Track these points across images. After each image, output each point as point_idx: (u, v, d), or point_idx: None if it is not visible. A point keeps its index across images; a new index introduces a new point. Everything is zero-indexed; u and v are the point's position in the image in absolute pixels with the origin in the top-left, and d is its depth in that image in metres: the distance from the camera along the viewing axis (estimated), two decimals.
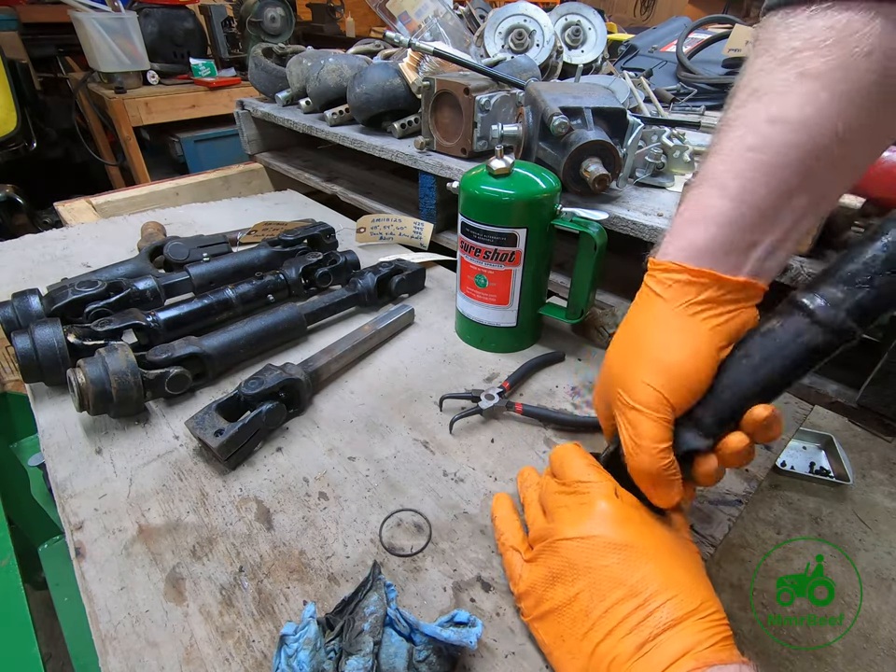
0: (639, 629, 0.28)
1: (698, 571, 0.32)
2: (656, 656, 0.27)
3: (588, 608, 0.31)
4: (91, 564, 0.41)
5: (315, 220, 0.90)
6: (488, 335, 0.66)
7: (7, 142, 1.75)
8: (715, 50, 1.23)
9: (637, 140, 0.68)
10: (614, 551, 0.31)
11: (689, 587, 0.30)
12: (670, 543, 0.33)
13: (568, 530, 0.34)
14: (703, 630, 0.28)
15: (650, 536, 0.33)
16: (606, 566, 0.31)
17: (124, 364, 0.51)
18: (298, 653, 0.31)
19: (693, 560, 0.33)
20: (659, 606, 0.28)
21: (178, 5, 1.94)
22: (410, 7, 1.07)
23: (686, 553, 0.33)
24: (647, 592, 0.29)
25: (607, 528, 0.32)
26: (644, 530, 0.33)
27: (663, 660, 0.27)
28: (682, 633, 0.27)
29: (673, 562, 0.31)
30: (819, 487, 1.31)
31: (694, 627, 0.28)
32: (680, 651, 0.27)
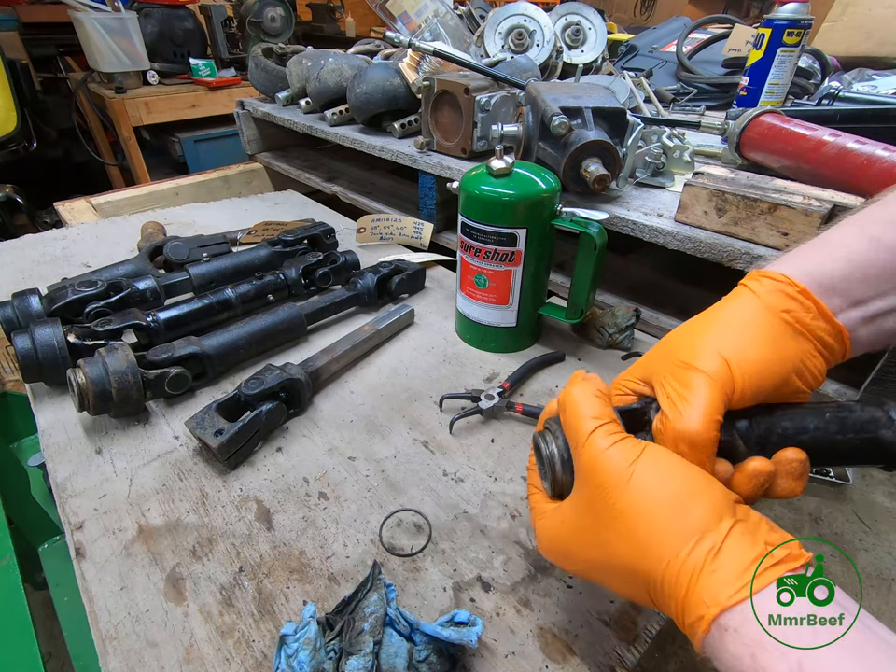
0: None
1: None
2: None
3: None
4: (91, 564, 0.41)
5: (314, 220, 0.90)
6: (488, 335, 0.66)
7: (7, 142, 1.75)
8: (715, 50, 1.23)
9: (637, 140, 0.68)
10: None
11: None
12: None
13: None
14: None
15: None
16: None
17: (124, 364, 0.51)
18: (298, 653, 0.31)
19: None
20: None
21: (178, 5, 1.93)
22: (410, 7, 1.07)
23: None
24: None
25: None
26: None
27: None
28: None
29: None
30: (819, 487, 1.31)
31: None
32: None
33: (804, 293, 0.30)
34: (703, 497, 0.25)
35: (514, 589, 0.40)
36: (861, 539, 1.21)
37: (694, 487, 0.26)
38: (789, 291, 0.31)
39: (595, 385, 0.31)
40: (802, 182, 0.59)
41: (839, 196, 0.55)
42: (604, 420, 0.29)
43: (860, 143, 0.58)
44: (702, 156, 0.84)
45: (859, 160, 0.57)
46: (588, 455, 0.28)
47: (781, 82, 0.90)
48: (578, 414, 0.30)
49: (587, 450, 0.28)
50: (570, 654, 0.36)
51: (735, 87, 0.98)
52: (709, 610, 0.22)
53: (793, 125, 0.67)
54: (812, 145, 0.62)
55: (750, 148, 0.72)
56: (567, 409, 0.31)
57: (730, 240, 0.58)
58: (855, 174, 0.57)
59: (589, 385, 0.31)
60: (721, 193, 0.57)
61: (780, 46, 0.86)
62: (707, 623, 0.22)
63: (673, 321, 0.70)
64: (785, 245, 0.55)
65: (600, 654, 0.36)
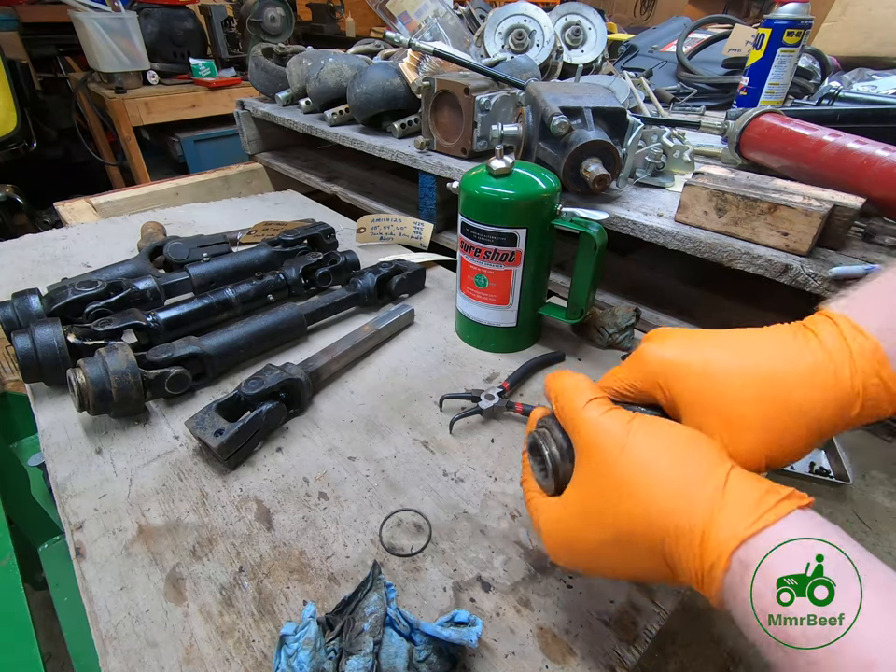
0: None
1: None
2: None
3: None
4: (91, 564, 0.41)
5: (314, 220, 0.90)
6: (488, 335, 0.66)
7: (7, 142, 1.75)
8: (715, 50, 1.23)
9: (637, 140, 0.68)
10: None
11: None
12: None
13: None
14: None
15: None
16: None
17: (124, 364, 0.51)
18: (298, 653, 0.31)
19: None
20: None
21: (178, 5, 1.94)
22: (410, 7, 1.07)
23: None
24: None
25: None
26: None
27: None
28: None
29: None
30: (819, 487, 1.31)
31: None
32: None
33: (876, 356, 0.25)
34: (697, 446, 0.26)
35: (514, 589, 0.40)
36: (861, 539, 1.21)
37: (688, 439, 0.27)
38: (861, 347, 0.26)
39: (583, 376, 0.33)
40: (802, 182, 0.59)
41: (839, 196, 0.55)
42: (595, 395, 0.30)
43: (860, 143, 0.58)
44: (702, 156, 0.84)
45: (859, 160, 0.57)
46: (584, 428, 0.29)
47: (781, 82, 0.90)
48: (569, 396, 0.31)
49: (582, 424, 0.29)
50: (570, 654, 0.36)
51: (735, 87, 0.98)
52: (728, 543, 0.22)
53: (793, 125, 0.67)
54: (812, 145, 0.62)
55: (750, 148, 0.73)
56: (559, 396, 0.32)
57: (730, 240, 0.58)
58: (855, 174, 0.57)
59: (576, 375, 0.33)
60: (720, 193, 0.57)
61: (780, 46, 0.86)
62: (726, 557, 0.22)
63: (673, 321, 0.70)
64: (785, 245, 0.55)
65: (600, 654, 0.36)
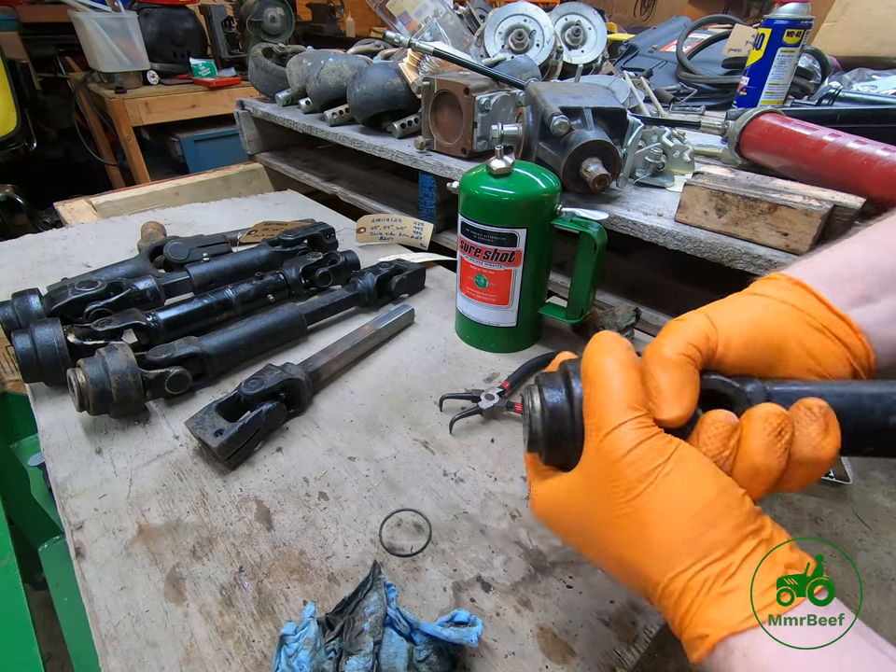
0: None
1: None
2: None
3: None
4: (91, 564, 0.41)
5: (314, 220, 0.90)
6: (488, 335, 0.66)
7: (7, 142, 1.75)
8: (715, 50, 1.23)
9: (637, 140, 0.68)
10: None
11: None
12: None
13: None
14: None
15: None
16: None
17: (124, 364, 0.51)
18: (298, 653, 0.31)
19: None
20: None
21: (178, 5, 1.94)
22: (410, 7, 1.07)
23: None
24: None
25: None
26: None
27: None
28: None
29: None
30: (819, 487, 1.31)
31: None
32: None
33: (798, 284, 0.30)
34: (729, 513, 0.24)
35: (514, 589, 0.40)
36: (860, 538, 1.21)
37: (722, 501, 0.24)
38: (784, 285, 0.30)
39: (630, 357, 0.28)
40: (802, 182, 0.59)
41: (839, 196, 0.55)
42: (637, 413, 0.26)
43: (860, 143, 0.58)
44: (702, 156, 0.84)
45: (859, 160, 0.57)
46: (612, 447, 0.26)
47: (781, 82, 0.90)
48: (608, 399, 0.26)
49: (612, 441, 0.26)
50: (570, 654, 0.36)
51: (735, 87, 0.98)
52: (716, 632, 0.22)
53: (793, 125, 0.67)
54: (812, 145, 0.62)
55: (750, 148, 0.72)
56: (595, 384, 0.27)
57: (730, 240, 0.58)
58: (855, 174, 0.57)
59: (623, 356, 0.27)
60: (721, 193, 0.57)
61: (780, 46, 0.86)
62: (711, 643, 0.22)
63: None
64: (785, 245, 0.55)
65: (600, 654, 0.36)
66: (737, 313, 0.29)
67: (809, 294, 0.29)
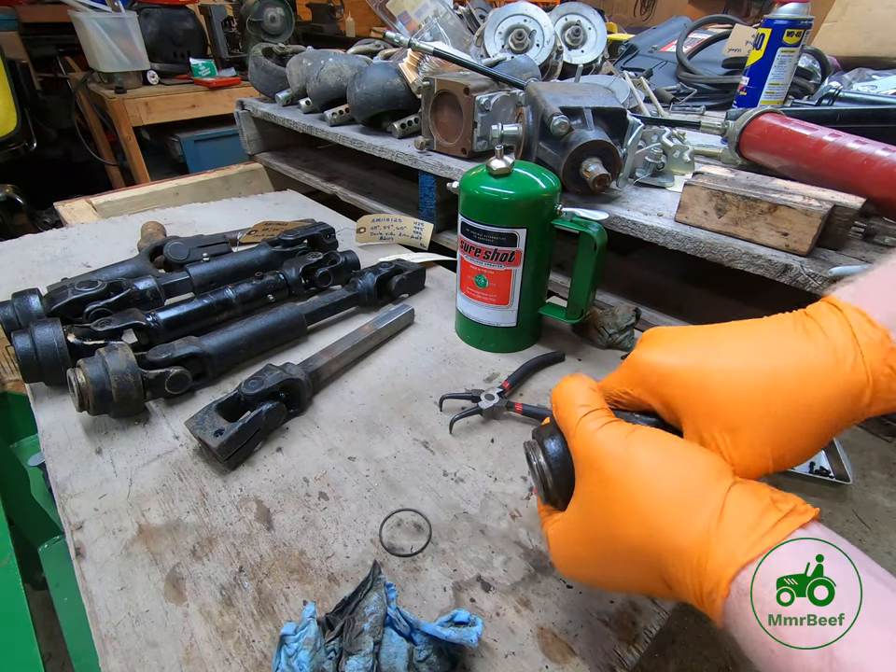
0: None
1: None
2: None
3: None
4: (91, 564, 0.41)
5: (314, 220, 0.90)
6: (488, 335, 0.66)
7: (7, 142, 1.75)
8: (715, 50, 1.23)
9: (637, 140, 0.68)
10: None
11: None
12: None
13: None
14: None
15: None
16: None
17: (124, 364, 0.51)
18: (298, 653, 0.31)
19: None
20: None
21: (178, 5, 1.94)
22: (410, 7, 1.07)
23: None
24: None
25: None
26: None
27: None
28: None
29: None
30: (819, 487, 1.31)
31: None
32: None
33: (883, 339, 0.24)
34: (697, 462, 0.25)
35: (514, 589, 0.40)
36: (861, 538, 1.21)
37: (687, 455, 0.26)
38: (868, 331, 0.25)
39: (587, 382, 0.31)
40: (802, 182, 0.59)
41: (839, 196, 0.55)
42: (593, 407, 0.29)
43: (860, 143, 0.58)
44: (702, 156, 0.84)
45: (859, 160, 0.57)
46: (580, 441, 0.28)
47: (781, 82, 0.90)
48: (568, 405, 0.30)
49: (578, 436, 0.29)
50: (570, 654, 0.36)
51: (735, 87, 0.98)
52: (726, 571, 0.22)
53: (793, 125, 0.67)
54: (812, 145, 0.62)
55: (750, 148, 0.73)
56: (559, 404, 0.31)
57: (730, 240, 0.58)
58: (855, 174, 0.57)
59: (580, 381, 0.31)
60: (721, 193, 0.57)
61: (780, 46, 0.86)
62: (725, 584, 0.22)
63: (672, 321, 0.70)
64: (785, 245, 0.55)
65: (600, 654, 0.36)
66: (799, 441, 0.26)
67: (885, 353, 0.24)
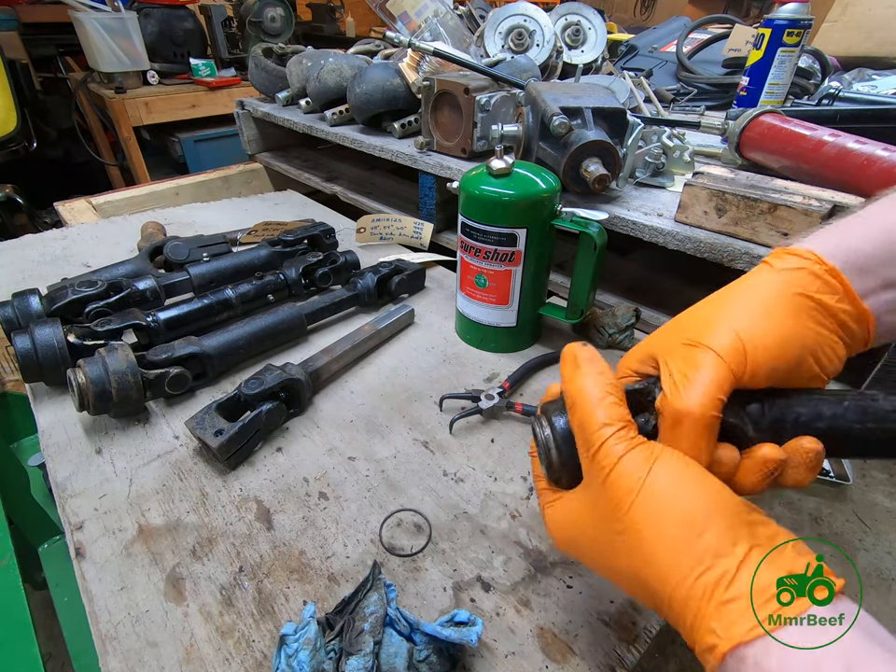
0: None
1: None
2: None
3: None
4: (91, 564, 0.41)
5: (314, 220, 0.90)
6: (488, 335, 0.66)
7: (7, 142, 1.75)
8: (715, 50, 1.23)
9: (637, 140, 0.68)
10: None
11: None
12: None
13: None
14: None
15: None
16: None
17: (124, 364, 0.51)
18: (298, 653, 0.31)
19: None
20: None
21: (178, 5, 1.94)
22: (410, 7, 1.07)
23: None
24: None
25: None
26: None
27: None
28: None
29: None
30: (819, 487, 1.31)
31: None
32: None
33: (831, 272, 0.28)
34: (717, 515, 0.24)
35: (514, 589, 0.40)
36: (861, 539, 1.21)
37: (709, 504, 0.24)
38: (814, 270, 0.28)
39: (607, 378, 0.29)
40: (802, 182, 0.59)
41: (839, 196, 0.55)
42: (617, 426, 0.27)
43: (860, 143, 0.58)
44: (702, 156, 0.84)
45: (859, 160, 0.57)
46: (600, 463, 0.27)
47: (781, 82, 0.90)
48: (590, 418, 0.28)
49: (600, 458, 0.27)
50: (570, 654, 0.36)
51: (735, 87, 0.98)
52: (723, 643, 0.21)
53: (793, 125, 0.67)
54: (812, 145, 0.62)
55: (750, 148, 0.73)
56: (577, 406, 0.29)
57: (730, 240, 0.58)
58: (855, 174, 0.57)
59: (601, 378, 0.29)
60: (721, 193, 0.57)
61: (780, 46, 0.86)
62: (720, 654, 0.22)
63: None
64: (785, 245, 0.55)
65: (600, 654, 0.36)
66: (766, 331, 0.28)
67: (838, 286, 0.28)
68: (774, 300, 0.28)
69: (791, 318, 0.28)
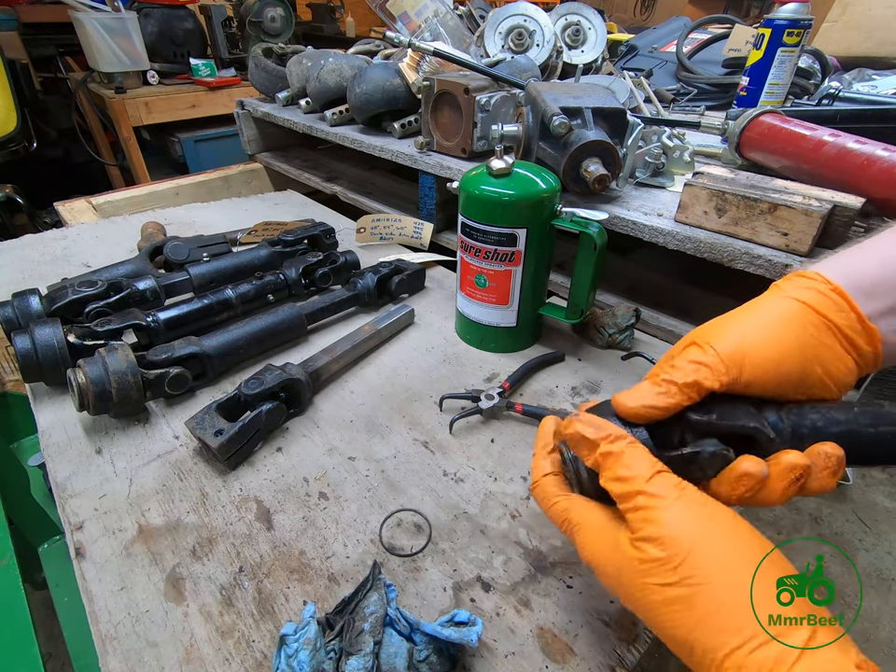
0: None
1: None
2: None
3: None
4: (91, 564, 0.41)
5: (314, 220, 0.90)
6: (488, 335, 0.66)
7: (7, 142, 1.75)
8: (715, 50, 1.23)
9: (637, 140, 0.68)
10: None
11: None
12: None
13: None
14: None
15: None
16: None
17: (124, 364, 0.51)
18: (298, 653, 0.31)
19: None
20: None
21: (178, 5, 1.94)
22: (410, 7, 1.07)
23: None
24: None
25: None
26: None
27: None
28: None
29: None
30: None
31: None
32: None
33: (836, 290, 0.30)
34: (766, 575, 0.24)
35: (514, 589, 0.40)
36: (861, 539, 1.21)
37: (748, 567, 0.24)
38: (820, 288, 0.30)
39: (627, 439, 0.29)
40: (802, 182, 0.59)
41: (839, 196, 0.55)
42: (653, 472, 0.27)
43: (860, 143, 0.58)
44: (702, 156, 0.84)
45: (859, 160, 0.57)
46: (649, 520, 0.26)
47: (781, 82, 0.90)
48: (626, 466, 0.28)
49: (659, 515, 0.26)
50: (570, 654, 0.36)
51: (735, 87, 0.98)
52: None
53: (793, 125, 0.67)
54: (812, 145, 0.62)
55: (750, 148, 0.73)
56: (606, 461, 0.29)
57: (730, 240, 0.58)
58: (855, 174, 0.57)
59: (621, 441, 0.29)
60: (721, 193, 0.57)
61: (780, 46, 0.86)
62: None
63: (673, 321, 0.70)
64: (785, 245, 0.55)
65: (600, 654, 0.36)
66: (769, 340, 0.30)
67: (845, 304, 0.30)
68: (782, 314, 0.31)
69: (798, 331, 0.30)
